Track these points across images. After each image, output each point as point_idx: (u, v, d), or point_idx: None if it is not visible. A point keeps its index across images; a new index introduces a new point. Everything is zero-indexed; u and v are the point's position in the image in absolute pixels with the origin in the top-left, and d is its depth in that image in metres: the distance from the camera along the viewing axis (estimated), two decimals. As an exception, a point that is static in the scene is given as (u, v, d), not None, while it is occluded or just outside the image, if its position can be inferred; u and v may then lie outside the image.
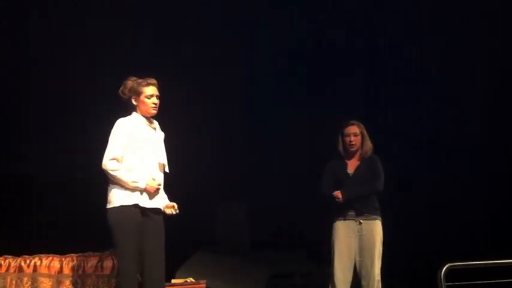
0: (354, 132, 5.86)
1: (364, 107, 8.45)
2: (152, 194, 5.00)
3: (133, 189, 4.91)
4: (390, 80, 8.87)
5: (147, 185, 4.94)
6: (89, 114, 8.43)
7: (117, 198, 4.91)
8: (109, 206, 4.95)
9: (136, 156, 4.98)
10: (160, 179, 5.09)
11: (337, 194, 5.69)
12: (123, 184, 4.90)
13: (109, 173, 4.90)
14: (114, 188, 4.94)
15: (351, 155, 5.89)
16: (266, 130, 9.09)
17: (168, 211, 5.13)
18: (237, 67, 9.08)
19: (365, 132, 5.89)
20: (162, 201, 5.12)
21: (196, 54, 8.75)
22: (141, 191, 4.94)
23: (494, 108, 8.34)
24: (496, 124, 8.29)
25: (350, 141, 5.85)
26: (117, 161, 4.92)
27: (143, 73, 7.59)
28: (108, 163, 4.90)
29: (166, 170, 5.18)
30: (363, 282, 5.69)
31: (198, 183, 8.40)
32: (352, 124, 5.89)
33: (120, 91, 5.17)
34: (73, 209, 8.17)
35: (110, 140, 4.98)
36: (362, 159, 5.86)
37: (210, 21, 8.92)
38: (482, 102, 8.36)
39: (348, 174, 5.82)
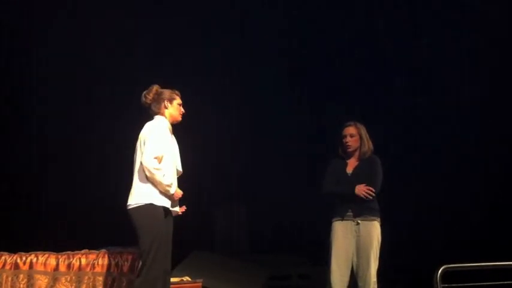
0: (351, 134, 5.85)
1: (364, 107, 8.46)
2: (174, 201, 5.13)
3: (161, 192, 5.00)
4: (390, 80, 8.89)
5: (175, 192, 5.06)
6: (89, 114, 8.49)
7: (147, 196, 4.99)
8: (136, 202, 5.00)
9: (168, 161, 5.07)
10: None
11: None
12: (157, 185, 4.98)
13: (150, 171, 4.94)
14: (146, 185, 5.01)
15: (350, 155, 5.89)
16: (265, 131, 9.10)
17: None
18: (236, 67, 9.11)
19: (363, 133, 5.87)
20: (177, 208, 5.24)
21: (196, 53, 8.78)
22: (169, 196, 5.04)
23: (492, 109, 8.35)
24: (497, 125, 8.30)
25: (346, 142, 5.85)
26: (158, 160, 4.98)
27: (143, 74, 7.65)
28: (151, 161, 4.95)
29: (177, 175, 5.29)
30: (359, 283, 5.67)
31: (198, 183, 8.42)
32: (350, 125, 5.88)
33: (147, 94, 5.26)
34: (70, 207, 8.20)
35: (150, 139, 5.03)
36: (361, 159, 5.85)
37: (211, 23, 8.95)
38: (480, 104, 8.38)
39: (346, 173, 5.81)
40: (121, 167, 7.14)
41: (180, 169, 5.26)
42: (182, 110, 5.31)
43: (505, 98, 8.28)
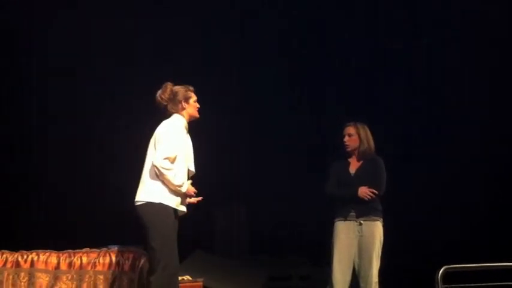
0: (349, 133, 5.89)
1: (364, 107, 8.46)
2: (185, 199, 5.14)
3: (172, 191, 5.01)
4: (389, 80, 8.89)
5: (186, 190, 5.08)
6: (89, 114, 8.49)
7: (157, 194, 5.00)
8: (144, 199, 5.01)
9: (181, 162, 5.07)
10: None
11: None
12: (168, 184, 4.99)
13: (161, 171, 4.95)
14: (155, 183, 5.01)
15: (350, 155, 5.92)
16: (265, 131, 9.09)
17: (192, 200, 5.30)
18: (236, 67, 9.10)
19: (363, 134, 5.86)
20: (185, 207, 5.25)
21: (196, 53, 8.77)
22: (181, 194, 5.06)
23: (492, 109, 8.35)
24: (497, 125, 8.29)
25: (344, 141, 5.88)
26: (169, 160, 4.97)
27: (143, 74, 7.63)
28: (162, 161, 4.95)
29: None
30: (361, 284, 5.69)
31: (197, 183, 8.40)
32: (349, 125, 5.92)
33: (162, 95, 5.22)
34: (71, 206, 8.19)
35: (164, 139, 5.03)
36: (363, 160, 5.85)
37: (211, 23, 8.95)
38: (480, 104, 8.37)
39: (349, 174, 5.84)
40: (121, 167, 7.17)
41: (193, 169, 5.26)
42: (197, 105, 5.31)
43: (505, 98, 8.28)
